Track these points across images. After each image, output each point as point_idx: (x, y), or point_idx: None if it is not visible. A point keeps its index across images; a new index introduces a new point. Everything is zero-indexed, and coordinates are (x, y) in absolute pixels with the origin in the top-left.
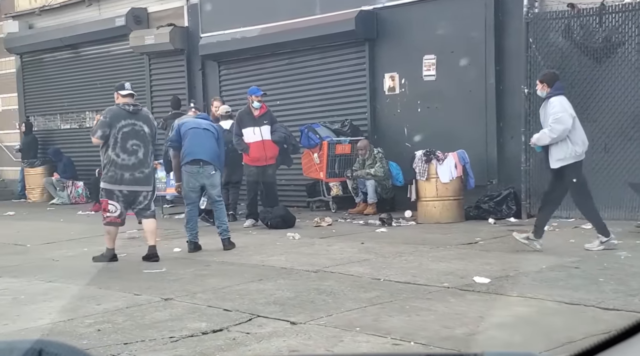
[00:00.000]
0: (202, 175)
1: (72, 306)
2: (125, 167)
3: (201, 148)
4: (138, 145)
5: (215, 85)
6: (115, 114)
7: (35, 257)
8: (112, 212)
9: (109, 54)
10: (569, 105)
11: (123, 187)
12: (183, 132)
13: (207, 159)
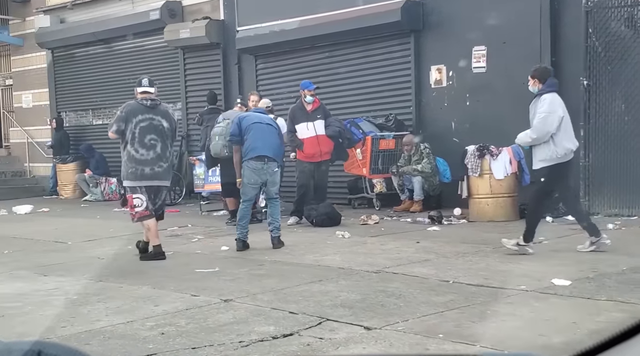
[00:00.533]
0: (265, 172)
1: (129, 307)
2: (144, 162)
3: (266, 144)
4: (156, 139)
5: (252, 79)
6: (132, 109)
7: (79, 255)
8: (138, 205)
9: (142, 48)
10: (560, 103)
11: (144, 182)
12: (245, 127)
13: (271, 156)
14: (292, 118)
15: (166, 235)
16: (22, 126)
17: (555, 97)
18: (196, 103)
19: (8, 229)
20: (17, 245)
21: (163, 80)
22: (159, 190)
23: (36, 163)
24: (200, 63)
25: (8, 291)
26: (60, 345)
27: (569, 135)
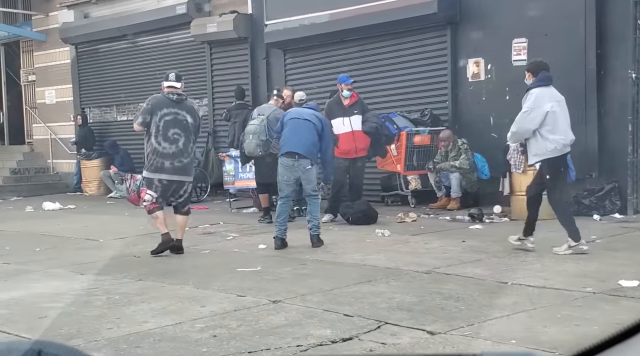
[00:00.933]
0: (296, 169)
1: (175, 308)
2: (166, 155)
3: (297, 140)
4: (179, 134)
5: (280, 74)
6: (158, 102)
7: (112, 253)
8: (147, 200)
9: (168, 43)
10: (549, 97)
11: (163, 176)
12: (284, 123)
13: (302, 152)
14: (328, 113)
15: (199, 232)
16: (45, 122)
17: (542, 91)
18: (223, 98)
19: (37, 226)
20: (49, 243)
21: (189, 75)
22: (179, 185)
23: (59, 159)
24: (228, 58)
25: (46, 290)
26: (61, 345)
27: (560, 129)
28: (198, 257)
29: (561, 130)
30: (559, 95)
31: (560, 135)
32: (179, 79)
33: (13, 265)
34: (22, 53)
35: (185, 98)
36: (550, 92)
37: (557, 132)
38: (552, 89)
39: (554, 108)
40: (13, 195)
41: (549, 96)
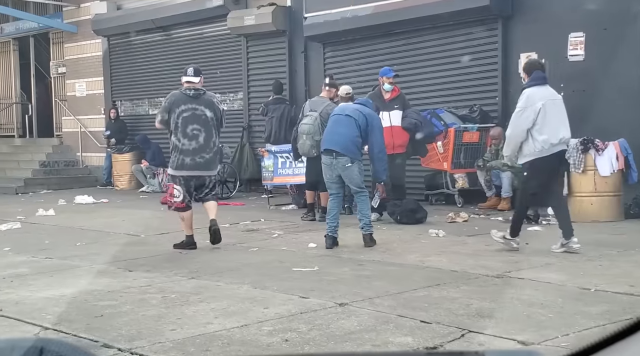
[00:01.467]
0: (335, 167)
1: (237, 308)
2: (186, 151)
3: (336, 137)
4: (199, 129)
5: (319, 68)
6: (176, 99)
7: (157, 249)
8: (176, 196)
9: (203, 35)
10: (541, 97)
11: (184, 172)
12: (329, 119)
13: (339, 150)
14: None
15: (242, 229)
16: (75, 115)
17: (534, 91)
18: (259, 93)
19: (73, 220)
20: (89, 238)
21: (224, 69)
22: (202, 180)
23: (89, 153)
24: (265, 51)
25: (97, 287)
26: (63, 342)
27: (551, 129)
28: (248, 255)
29: (550, 129)
30: (555, 94)
31: (548, 135)
32: (198, 74)
33: (56, 260)
34: (51, 45)
35: (203, 92)
36: (543, 91)
37: (545, 132)
38: (547, 88)
39: (545, 107)
40: (43, 188)
41: (541, 95)
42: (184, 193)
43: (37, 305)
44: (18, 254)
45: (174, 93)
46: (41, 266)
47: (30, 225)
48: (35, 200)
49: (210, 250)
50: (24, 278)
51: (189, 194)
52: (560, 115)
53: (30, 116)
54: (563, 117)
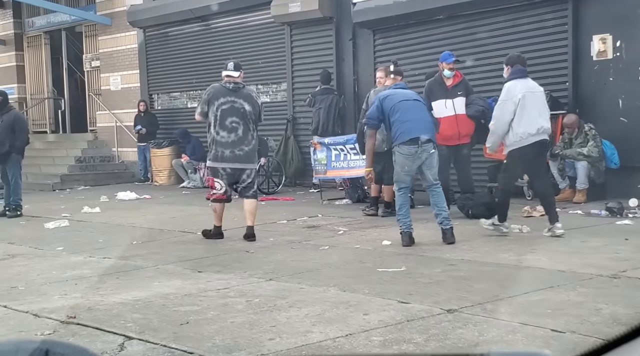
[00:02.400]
0: (419, 156)
1: (332, 315)
2: (225, 144)
3: (419, 124)
4: (237, 122)
5: (369, 56)
6: (215, 92)
7: (220, 247)
8: (218, 189)
9: (244, 25)
10: (521, 89)
11: (225, 165)
12: (389, 108)
13: (426, 136)
14: (429, 94)
15: (301, 226)
16: (110, 109)
17: (515, 84)
18: (303, 83)
19: (121, 217)
20: (143, 236)
21: (267, 59)
22: (241, 173)
23: (125, 148)
24: (310, 39)
25: (171, 290)
26: (68, 344)
27: (529, 120)
28: (321, 254)
29: (528, 120)
30: (536, 86)
31: (525, 126)
32: (238, 69)
33: (116, 260)
34: (84, 38)
35: (242, 86)
36: (523, 84)
37: (523, 123)
38: (527, 80)
39: (524, 99)
40: (79, 184)
41: (521, 87)
42: (226, 186)
43: (112, 311)
44: (73, 254)
45: (214, 85)
46: (102, 267)
47: (77, 222)
48: (76, 197)
49: (278, 249)
50: (89, 281)
51: (230, 186)
52: (539, 107)
53: (64, 111)
54: (542, 109)
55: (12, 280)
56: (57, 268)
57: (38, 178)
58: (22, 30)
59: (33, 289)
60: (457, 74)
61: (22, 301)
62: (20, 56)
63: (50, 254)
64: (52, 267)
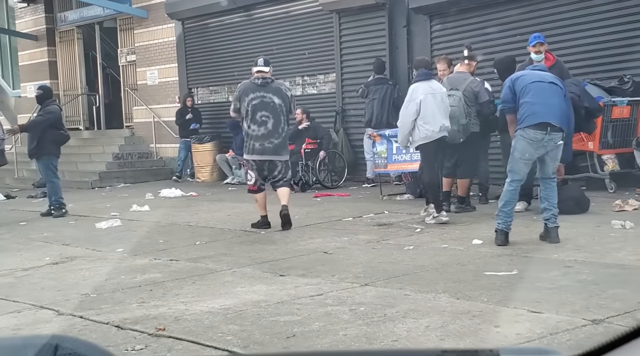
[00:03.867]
0: (543, 144)
1: (457, 327)
2: (256, 137)
3: (551, 109)
4: (267, 116)
5: (425, 44)
6: (245, 88)
7: (293, 248)
8: (249, 180)
9: (289, 14)
10: (423, 90)
11: (255, 157)
12: (520, 88)
13: (556, 123)
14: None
15: (371, 223)
16: (147, 105)
17: (418, 86)
18: (352, 73)
19: (174, 216)
20: (204, 235)
21: (313, 49)
22: (272, 165)
23: (163, 144)
24: (360, 27)
25: (259, 297)
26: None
27: (432, 119)
28: (408, 255)
29: (432, 119)
30: (440, 88)
31: (433, 124)
32: (267, 64)
33: (186, 263)
34: (119, 32)
35: (271, 80)
36: (426, 86)
37: (428, 121)
38: (432, 82)
39: (426, 100)
40: (119, 182)
41: (424, 89)
42: (256, 177)
43: (202, 321)
44: (136, 256)
45: (244, 82)
46: (173, 270)
47: (129, 222)
48: (118, 195)
49: (357, 249)
50: (163, 286)
51: (262, 178)
52: (440, 107)
53: (98, 107)
54: (442, 109)
55: (79, 285)
56: (125, 272)
57: (75, 175)
58: (53, 25)
59: (106, 296)
60: (548, 57)
61: (98, 311)
62: (52, 51)
63: (112, 256)
64: (119, 270)
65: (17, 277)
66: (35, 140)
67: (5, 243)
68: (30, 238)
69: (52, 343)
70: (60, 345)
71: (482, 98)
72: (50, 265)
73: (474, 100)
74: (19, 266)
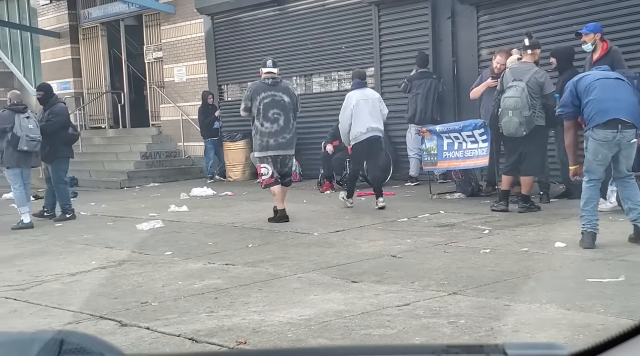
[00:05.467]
0: (615, 143)
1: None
2: (269, 133)
3: (619, 104)
4: (278, 113)
5: (470, 36)
6: (256, 88)
7: (356, 252)
8: (265, 174)
9: (325, 7)
10: (356, 97)
11: (270, 153)
12: (583, 88)
13: (628, 119)
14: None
15: (431, 224)
16: (174, 102)
17: (353, 93)
18: (392, 68)
19: (215, 216)
20: (255, 237)
21: (350, 43)
22: (284, 159)
23: (191, 142)
24: (401, 19)
25: (338, 306)
26: (83, 334)
27: (361, 121)
28: (487, 259)
29: (361, 121)
30: (373, 94)
31: (361, 126)
32: (276, 65)
33: (243, 267)
34: (144, 28)
35: (280, 80)
36: (359, 93)
37: (357, 123)
38: (365, 90)
39: (358, 105)
40: (148, 181)
41: (356, 96)
42: (272, 170)
43: (285, 334)
44: (188, 259)
45: (255, 83)
46: (232, 276)
47: (170, 223)
48: (151, 195)
49: (428, 252)
50: (228, 294)
51: (277, 171)
52: (371, 111)
53: (123, 105)
54: (373, 112)
55: (137, 292)
56: (181, 277)
57: (102, 175)
58: (77, 22)
59: (169, 305)
60: (603, 45)
61: (165, 322)
62: (75, 49)
63: (161, 260)
64: (174, 276)
65: (66, 283)
66: (48, 144)
67: (44, 246)
68: (70, 241)
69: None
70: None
71: (548, 90)
72: (99, 269)
73: (539, 92)
74: (65, 271)
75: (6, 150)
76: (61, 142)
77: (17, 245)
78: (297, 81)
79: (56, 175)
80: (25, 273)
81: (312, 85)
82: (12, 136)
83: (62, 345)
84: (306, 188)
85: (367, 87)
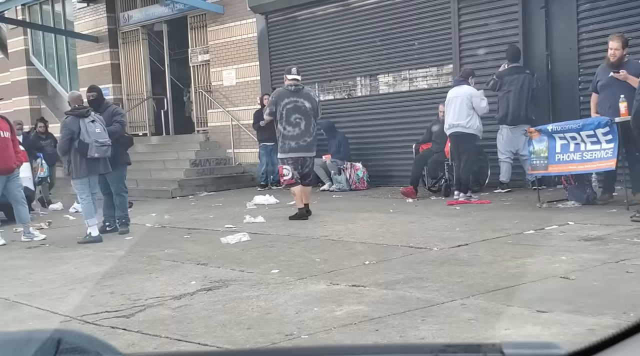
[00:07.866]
0: None
1: None
2: (291, 137)
3: None
4: (300, 118)
5: (569, 27)
6: (280, 94)
7: (504, 271)
8: (286, 174)
9: (392, 3)
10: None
11: (292, 155)
12: None
13: None
14: None
15: (571, 238)
16: (224, 107)
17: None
18: (473, 64)
19: (301, 228)
20: (366, 252)
21: (424, 39)
22: (305, 161)
23: (242, 149)
24: (484, 12)
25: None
26: (81, 334)
27: (447, 119)
28: None
29: (447, 118)
30: (465, 91)
31: (446, 124)
32: (299, 73)
33: (380, 290)
34: (189, 30)
35: (302, 87)
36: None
37: (446, 121)
38: (460, 87)
39: (449, 102)
40: (200, 190)
41: (450, 94)
42: (292, 171)
43: None
44: (303, 279)
45: (278, 90)
46: (374, 301)
47: (256, 235)
48: (212, 204)
49: (604, 273)
50: (388, 325)
51: (298, 172)
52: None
53: (166, 111)
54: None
55: (270, 321)
56: (310, 302)
57: (151, 184)
58: (116, 25)
59: (324, 338)
60: None
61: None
62: (114, 54)
63: (272, 280)
64: (301, 299)
65: (174, 308)
66: (112, 149)
67: (127, 263)
68: (153, 257)
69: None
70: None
71: None
72: (204, 291)
73: None
74: (165, 292)
75: (74, 160)
76: (123, 145)
77: (95, 262)
78: (362, 81)
79: (120, 183)
80: (119, 295)
81: (378, 85)
82: (79, 144)
83: (60, 344)
84: (381, 197)
85: (465, 84)
